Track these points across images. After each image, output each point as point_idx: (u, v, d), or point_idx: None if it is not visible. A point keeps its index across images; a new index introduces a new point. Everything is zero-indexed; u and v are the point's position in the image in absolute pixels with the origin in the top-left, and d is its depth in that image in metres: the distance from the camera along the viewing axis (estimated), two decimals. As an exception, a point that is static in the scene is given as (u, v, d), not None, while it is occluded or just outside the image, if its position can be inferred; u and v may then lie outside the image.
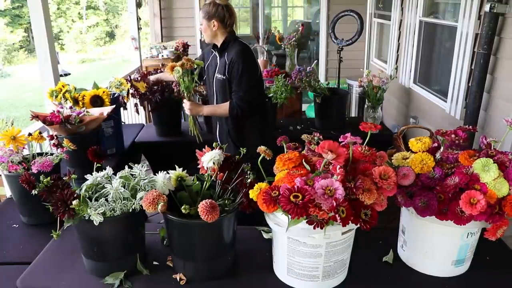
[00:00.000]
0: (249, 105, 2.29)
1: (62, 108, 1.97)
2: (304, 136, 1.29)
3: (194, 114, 2.41)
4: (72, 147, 1.64)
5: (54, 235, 1.16)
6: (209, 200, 1.10)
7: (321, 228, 1.02)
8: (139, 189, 1.21)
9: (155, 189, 1.17)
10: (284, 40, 4.71)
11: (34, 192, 1.18)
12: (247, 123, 2.40)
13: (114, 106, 2.24)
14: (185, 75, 2.22)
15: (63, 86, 2.26)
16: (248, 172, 1.23)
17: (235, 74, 2.27)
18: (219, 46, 2.36)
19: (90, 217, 1.13)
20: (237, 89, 2.29)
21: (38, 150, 1.74)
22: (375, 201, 1.06)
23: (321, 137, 1.27)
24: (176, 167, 1.27)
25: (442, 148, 1.26)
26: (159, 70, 2.92)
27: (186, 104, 2.37)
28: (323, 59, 5.92)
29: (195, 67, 2.29)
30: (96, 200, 1.18)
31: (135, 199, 1.18)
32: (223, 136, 2.48)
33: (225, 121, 2.42)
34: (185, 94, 2.32)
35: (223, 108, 2.33)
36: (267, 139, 2.42)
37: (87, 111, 2.04)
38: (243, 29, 8.23)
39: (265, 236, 1.43)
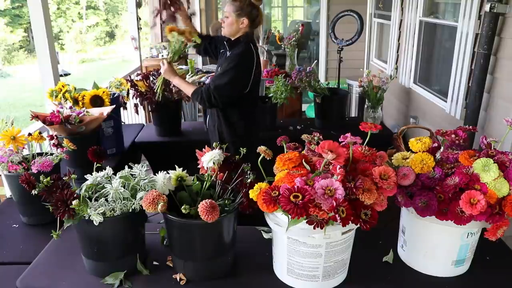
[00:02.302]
0: (210, 100, 2.28)
1: (62, 108, 1.97)
2: (304, 136, 1.29)
3: (166, 77, 2.43)
4: (72, 147, 1.64)
5: (54, 235, 1.16)
6: (209, 200, 1.10)
7: (321, 228, 1.02)
8: (139, 189, 1.21)
9: (155, 189, 1.17)
10: (284, 40, 4.72)
11: (34, 192, 1.18)
12: (237, 121, 2.40)
13: (114, 106, 2.24)
14: (179, 43, 2.21)
15: (63, 86, 2.26)
16: (248, 172, 1.23)
17: (223, 68, 2.28)
18: (232, 41, 2.36)
19: (90, 217, 1.13)
20: (212, 80, 2.29)
21: (38, 150, 1.74)
22: (375, 201, 1.06)
23: (321, 137, 1.27)
24: (176, 167, 1.27)
25: (442, 148, 1.26)
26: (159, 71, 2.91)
27: (164, 65, 2.37)
28: (323, 59, 5.92)
29: (193, 40, 2.29)
30: (96, 200, 1.18)
31: (135, 199, 1.18)
32: (211, 126, 2.50)
33: (213, 117, 2.43)
34: (169, 57, 2.32)
35: (190, 88, 2.37)
36: (253, 139, 2.43)
37: (87, 111, 2.04)
38: (243, 29, 8.22)
39: (265, 236, 1.43)
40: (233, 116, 2.39)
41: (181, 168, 1.27)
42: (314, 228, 1.02)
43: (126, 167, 1.26)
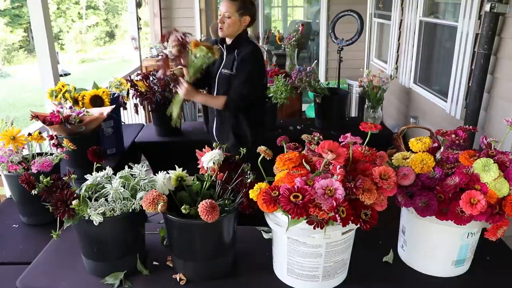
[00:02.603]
0: (245, 104, 2.30)
1: (62, 108, 1.97)
2: (304, 136, 1.29)
3: (187, 98, 2.30)
4: (72, 147, 1.64)
5: (54, 235, 1.16)
6: (209, 200, 1.10)
7: (321, 228, 1.02)
8: (139, 189, 1.21)
9: (155, 189, 1.17)
10: (284, 40, 4.71)
11: (34, 192, 1.18)
12: (256, 119, 2.38)
13: (114, 106, 2.24)
14: (202, 59, 2.08)
15: (63, 86, 2.26)
16: (248, 172, 1.23)
17: (243, 72, 2.26)
18: (229, 42, 2.32)
19: (90, 217, 1.12)
20: (238, 86, 2.27)
21: (38, 150, 1.74)
22: (375, 201, 1.06)
23: (321, 137, 1.27)
24: (176, 167, 1.27)
25: (442, 148, 1.26)
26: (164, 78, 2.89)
27: (183, 85, 2.22)
28: (323, 59, 5.92)
29: (215, 57, 2.14)
30: (96, 200, 1.18)
31: (135, 199, 1.18)
32: (224, 134, 2.43)
33: (227, 118, 2.38)
34: (188, 76, 2.18)
35: (219, 100, 2.30)
36: (257, 138, 2.41)
37: (87, 111, 2.04)
38: (243, 29, 8.23)
39: (265, 236, 1.43)
40: (254, 114, 2.38)
41: (181, 168, 1.27)
42: (314, 228, 1.02)
43: (126, 167, 1.26)
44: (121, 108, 2.57)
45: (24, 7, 14.71)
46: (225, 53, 2.34)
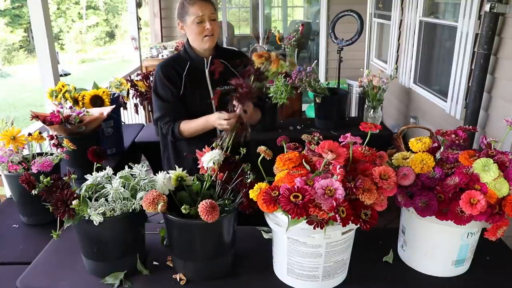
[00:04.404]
0: None
1: (62, 108, 1.97)
2: (304, 136, 1.29)
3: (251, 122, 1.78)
4: (72, 147, 1.64)
5: (54, 235, 1.16)
6: (209, 200, 1.10)
7: (321, 228, 1.02)
8: (139, 189, 1.21)
9: (155, 189, 1.17)
10: (284, 40, 4.72)
11: (34, 192, 1.18)
12: None
13: (114, 106, 2.24)
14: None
15: (63, 86, 2.26)
16: (248, 172, 1.23)
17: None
18: (215, 53, 1.91)
19: (90, 217, 1.13)
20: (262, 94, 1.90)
21: (38, 150, 1.74)
22: (375, 201, 1.06)
23: (321, 137, 1.27)
24: (176, 167, 1.27)
25: (442, 148, 1.26)
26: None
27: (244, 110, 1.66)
28: (323, 59, 5.92)
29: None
30: (96, 200, 1.18)
31: (135, 199, 1.18)
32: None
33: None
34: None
35: (258, 113, 1.96)
36: None
37: (87, 111, 2.04)
38: (243, 29, 8.25)
39: (265, 236, 1.43)
40: None
41: (181, 168, 1.27)
42: (314, 228, 1.02)
43: (126, 167, 1.26)
44: (121, 108, 2.57)
45: (24, 7, 14.72)
46: (207, 68, 1.89)
